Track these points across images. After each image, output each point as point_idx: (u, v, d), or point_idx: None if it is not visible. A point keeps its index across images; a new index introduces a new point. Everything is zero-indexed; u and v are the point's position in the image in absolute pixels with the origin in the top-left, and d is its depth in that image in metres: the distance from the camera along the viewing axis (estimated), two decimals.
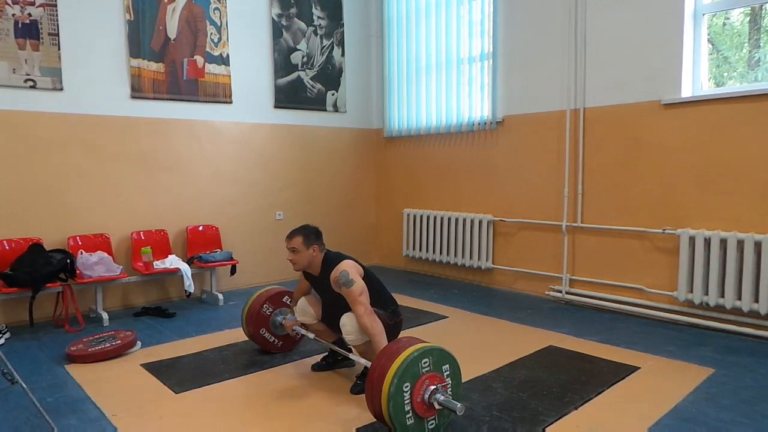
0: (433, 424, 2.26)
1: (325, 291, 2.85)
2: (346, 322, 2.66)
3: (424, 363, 2.21)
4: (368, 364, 2.56)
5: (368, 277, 2.80)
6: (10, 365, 2.46)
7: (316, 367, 3.07)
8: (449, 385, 2.28)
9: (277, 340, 3.33)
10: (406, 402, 2.16)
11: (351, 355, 2.74)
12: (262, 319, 3.27)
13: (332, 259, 2.80)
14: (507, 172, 4.98)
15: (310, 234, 2.80)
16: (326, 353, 3.14)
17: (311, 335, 3.04)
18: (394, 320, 2.85)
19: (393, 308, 2.88)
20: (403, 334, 3.60)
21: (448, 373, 2.29)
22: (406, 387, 2.15)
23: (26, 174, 4.08)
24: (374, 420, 2.38)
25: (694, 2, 3.81)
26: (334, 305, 2.81)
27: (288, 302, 3.35)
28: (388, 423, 2.18)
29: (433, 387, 2.21)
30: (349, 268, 2.68)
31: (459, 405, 2.16)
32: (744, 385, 2.78)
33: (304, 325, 3.20)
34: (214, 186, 5.06)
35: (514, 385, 2.81)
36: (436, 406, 2.21)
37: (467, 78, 5.25)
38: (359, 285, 2.64)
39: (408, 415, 2.17)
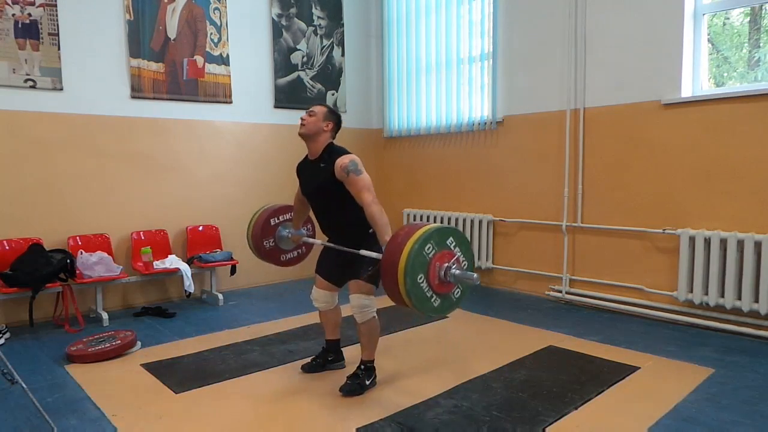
0: (458, 292, 2.31)
1: (314, 188, 2.82)
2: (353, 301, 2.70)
3: (428, 249, 2.19)
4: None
5: None
6: (10, 365, 2.45)
7: (306, 368, 3.05)
8: (460, 257, 2.28)
9: (286, 255, 3.34)
10: (426, 290, 2.18)
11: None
12: (269, 231, 3.27)
13: (337, 150, 2.78)
14: (507, 172, 4.97)
15: (334, 113, 2.83)
16: (315, 354, 3.14)
17: (319, 242, 3.05)
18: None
19: None
20: (402, 333, 3.63)
21: (453, 244, 2.28)
22: (421, 278, 2.16)
23: (26, 174, 4.08)
24: (374, 419, 2.38)
25: (694, 2, 3.81)
26: (324, 211, 2.86)
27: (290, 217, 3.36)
28: (419, 312, 2.23)
29: (446, 265, 2.22)
30: (359, 161, 2.67)
31: (475, 276, 2.20)
32: (744, 385, 2.78)
33: (309, 235, 3.26)
34: (214, 186, 5.06)
35: (514, 385, 2.80)
36: (453, 281, 2.25)
37: (467, 78, 5.25)
38: (367, 176, 2.63)
39: (433, 299, 2.21)
